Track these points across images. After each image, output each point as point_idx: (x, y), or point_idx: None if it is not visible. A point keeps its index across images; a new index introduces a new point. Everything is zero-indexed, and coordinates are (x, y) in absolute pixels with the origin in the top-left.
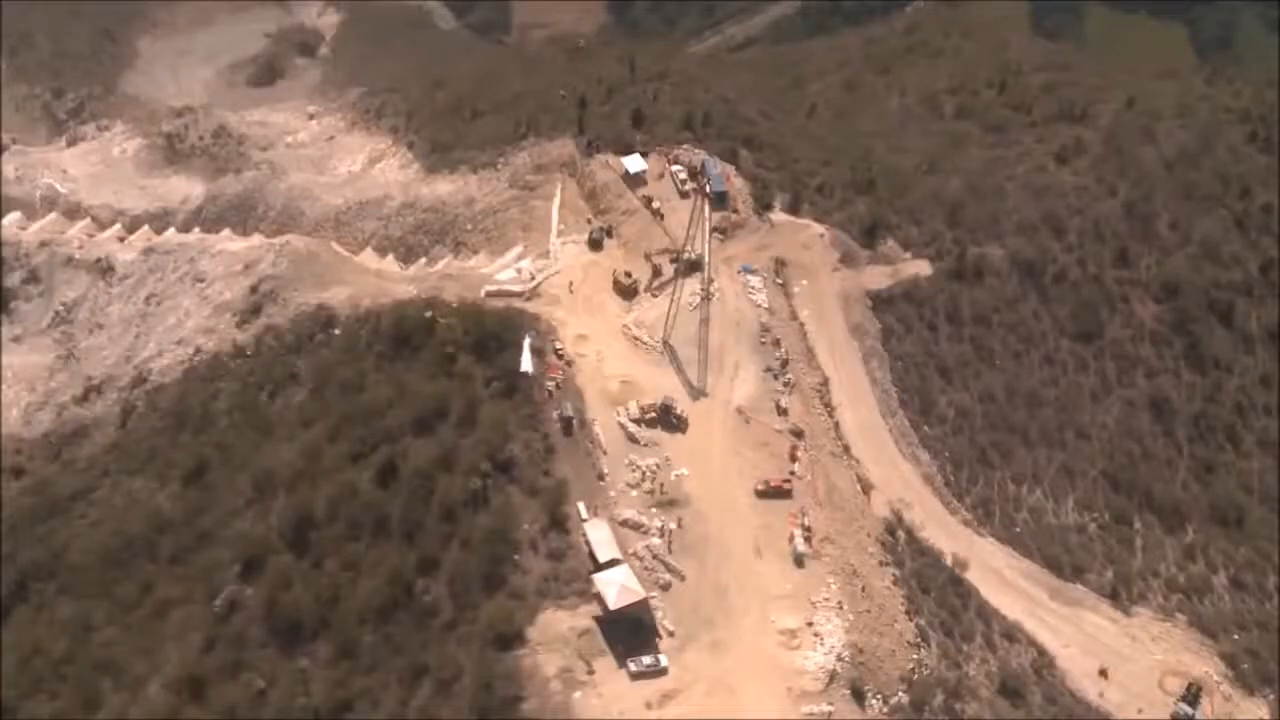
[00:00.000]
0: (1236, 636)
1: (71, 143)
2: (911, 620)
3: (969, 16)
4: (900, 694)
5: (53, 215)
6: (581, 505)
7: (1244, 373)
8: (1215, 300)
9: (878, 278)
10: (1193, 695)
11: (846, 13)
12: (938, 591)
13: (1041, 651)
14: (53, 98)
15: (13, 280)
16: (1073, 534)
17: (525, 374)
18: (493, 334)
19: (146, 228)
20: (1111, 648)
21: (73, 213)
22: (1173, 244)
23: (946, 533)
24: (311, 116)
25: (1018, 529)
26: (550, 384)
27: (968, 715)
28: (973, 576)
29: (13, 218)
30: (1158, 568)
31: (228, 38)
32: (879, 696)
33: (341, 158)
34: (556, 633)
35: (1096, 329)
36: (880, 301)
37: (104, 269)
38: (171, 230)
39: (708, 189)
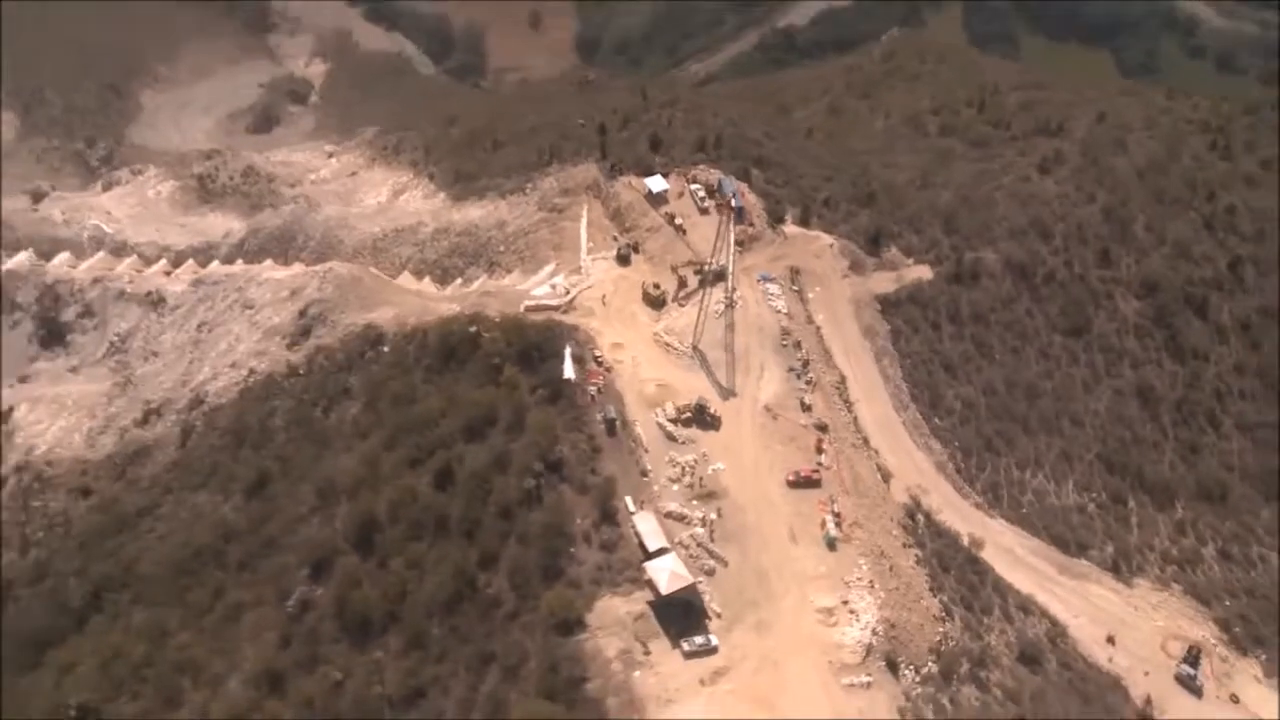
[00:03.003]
0: (1228, 603)
1: (107, 188)
2: (935, 596)
3: (942, 42)
4: (930, 664)
5: (101, 254)
6: (629, 499)
7: (1219, 361)
8: (1190, 295)
9: (884, 283)
10: (1193, 657)
11: (801, 49)
12: (957, 570)
13: (1054, 622)
14: (85, 146)
15: (68, 315)
16: (1074, 513)
17: (568, 381)
18: (535, 345)
19: (191, 261)
20: (1116, 616)
21: (119, 251)
22: (1149, 244)
23: (961, 516)
24: (331, 155)
25: (1024, 510)
26: (592, 389)
27: (992, 681)
28: (988, 555)
29: (63, 257)
30: (1152, 542)
31: (224, 89)
32: (911, 667)
33: (366, 191)
34: (614, 617)
35: (1085, 324)
36: (888, 304)
37: (155, 301)
38: (216, 263)
39: (734, 203)
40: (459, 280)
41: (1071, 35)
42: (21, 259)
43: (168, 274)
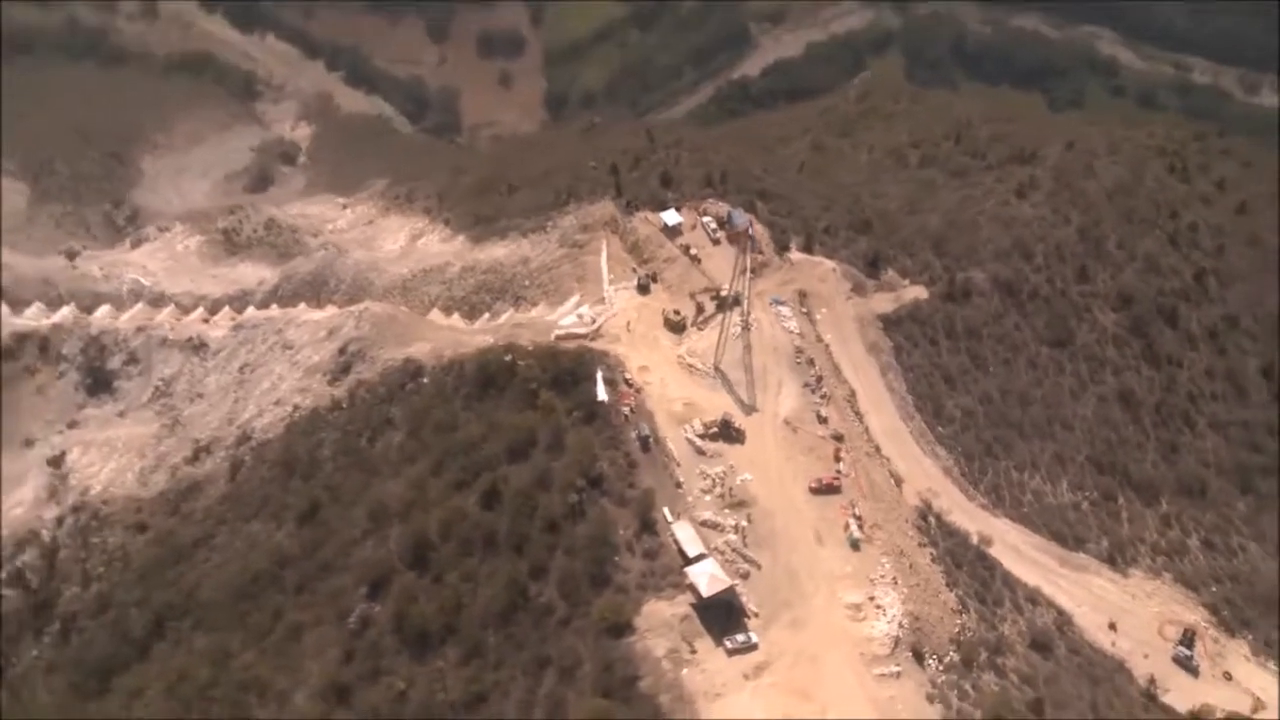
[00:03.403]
0: (1214, 589)
1: (136, 245)
2: (951, 591)
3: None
4: (952, 653)
5: (140, 305)
6: (666, 510)
7: (1191, 366)
8: (1161, 306)
9: (884, 303)
10: (1188, 639)
11: (755, 98)
12: (968, 566)
13: (1060, 611)
14: (112, 207)
15: (114, 363)
16: (1070, 511)
17: (601, 402)
18: (568, 370)
19: (227, 308)
20: (1116, 605)
21: (157, 301)
22: (1121, 260)
23: (968, 516)
24: (345, 206)
25: (1025, 509)
26: (624, 409)
27: (1009, 668)
28: (995, 552)
29: (104, 310)
30: (1142, 535)
31: (218, 153)
32: (935, 657)
33: (385, 238)
34: (660, 620)
35: (1068, 336)
36: (889, 323)
37: (196, 346)
38: (251, 308)
39: (750, 232)
40: (487, 315)
41: (1005, 79)
42: (65, 313)
43: (206, 321)
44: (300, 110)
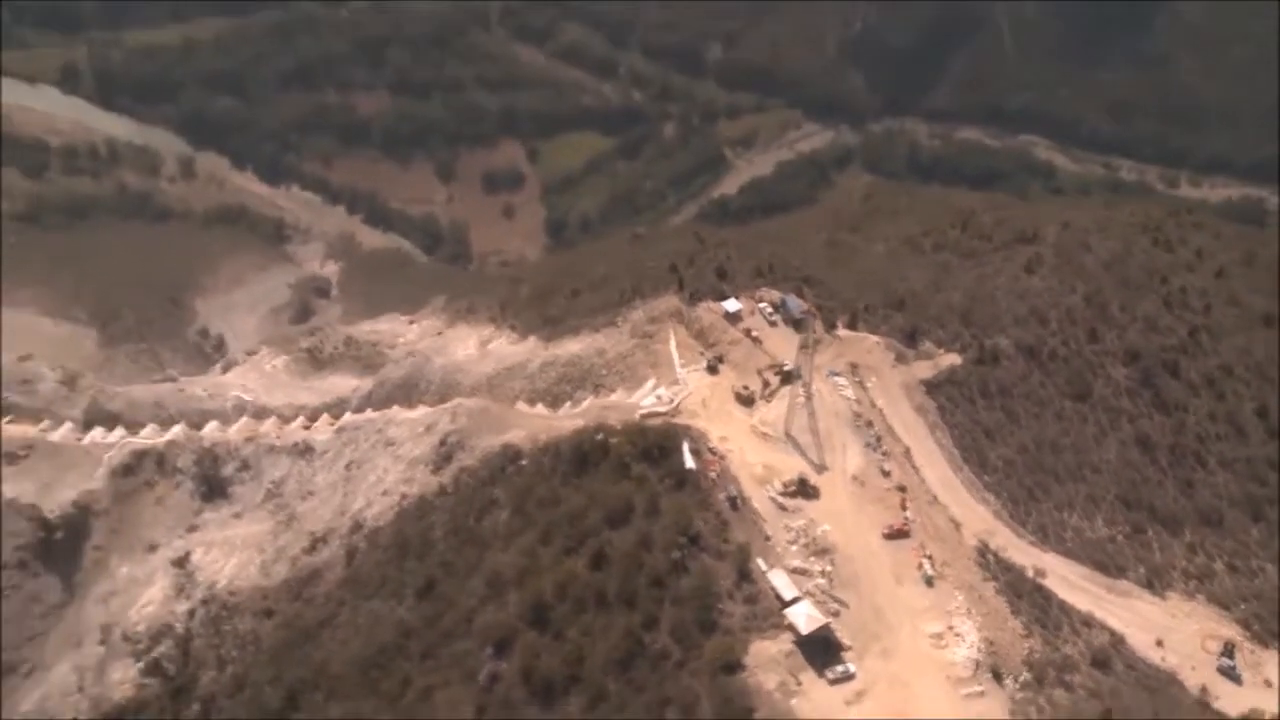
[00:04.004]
0: (1243, 606)
1: (226, 369)
2: (1016, 618)
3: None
4: (1025, 673)
5: (244, 419)
6: (760, 560)
7: (1196, 411)
8: (1164, 360)
9: (924, 369)
10: (1229, 651)
11: (734, 214)
12: (1028, 595)
13: (1112, 632)
14: (200, 337)
15: (227, 471)
16: (1108, 543)
17: (690, 470)
18: (656, 444)
19: (326, 415)
20: (1160, 624)
21: (260, 414)
22: (1125, 322)
23: (1021, 552)
24: (411, 322)
25: (1069, 544)
26: (711, 475)
27: (1076, 684)
28: (1049, 582)
29: (212, 425)
30: (1173, 562)
31: (260, 291)
32: (1011, 677)
33: (456, 346)
34: (767, 657)
35: (1087, 390)
36: (931, 386)
37: (302, 450)
38: (349, 413)
39: (813, 314)
40: (568, 403)
41: (957, 184)
42: (177, 430)
43: (307, 428)
44: (327, 250)
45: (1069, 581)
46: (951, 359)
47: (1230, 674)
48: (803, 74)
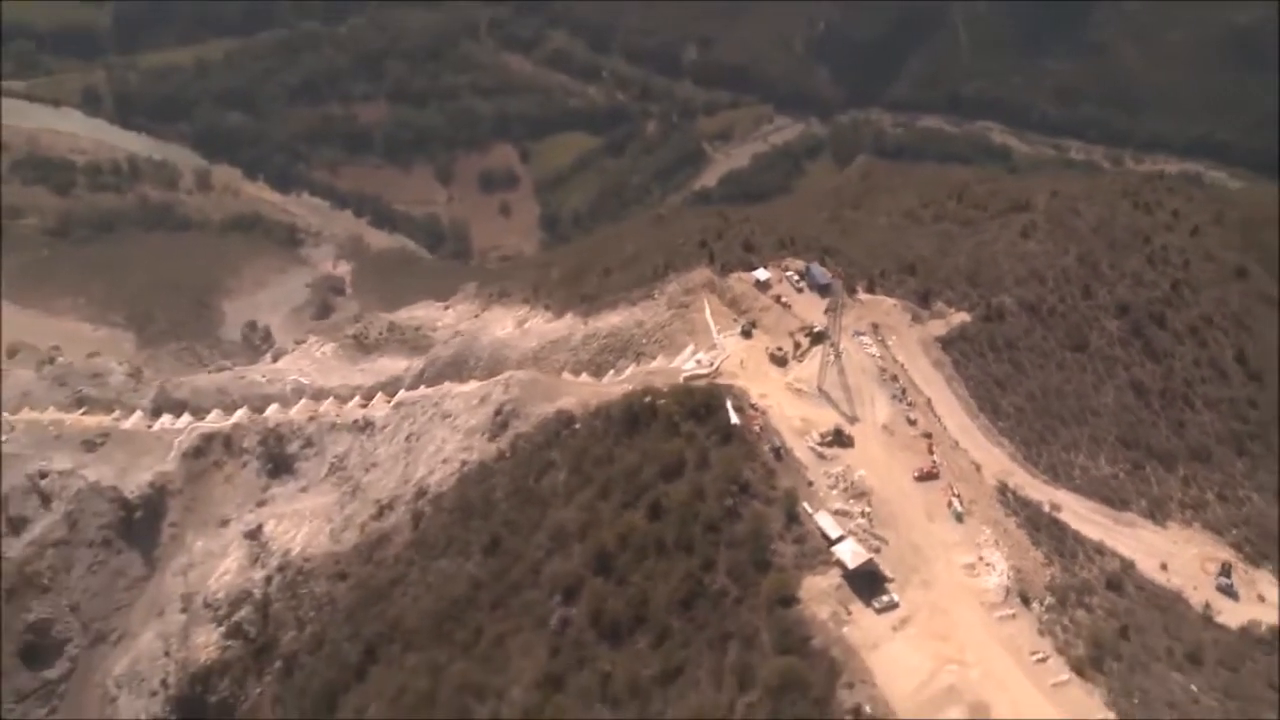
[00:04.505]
0: (1234, 532)
1: (276, 358)
2: (1037, 548)
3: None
4: (1049, 597)
5: (304, 400)
6: (805, 504)
7: (1182, 357)
8: (1151, 312)
9: (938, 328)
10: (1226, 571)
11: (715, 204)
12: (1045, 528)
13: (1122, 559)
14: (249, 330)
15: (292, 449)
16: (1111, 480)
17: (734, 425)
18: (701, 403)
19: (380, 394)
20: (1163, 550)
21: (318, 396)
22: (1114, 279)
23: (1036, 490)
24: (446, 307)
25: (1077, 481)
26: (754, 429)
27: (1094, 605)
28: (1064, 516)
29: (274, 408)
30: (1170, 494)
31: (281, 292)
32: (1037, 600)
33: (494, 326)
34: (818, 591)
35: (1084, 342)
36: (945, 343)
37: (362, 426)
38: (402, 391)
39: (838, 281)
40: (611, 372)
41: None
42: (240, 414)
43: (364, 406)
44: (337, 251)
45: (1080, 515)
46: (961, 317)
47: (1228, 592)
48: (773, 71)
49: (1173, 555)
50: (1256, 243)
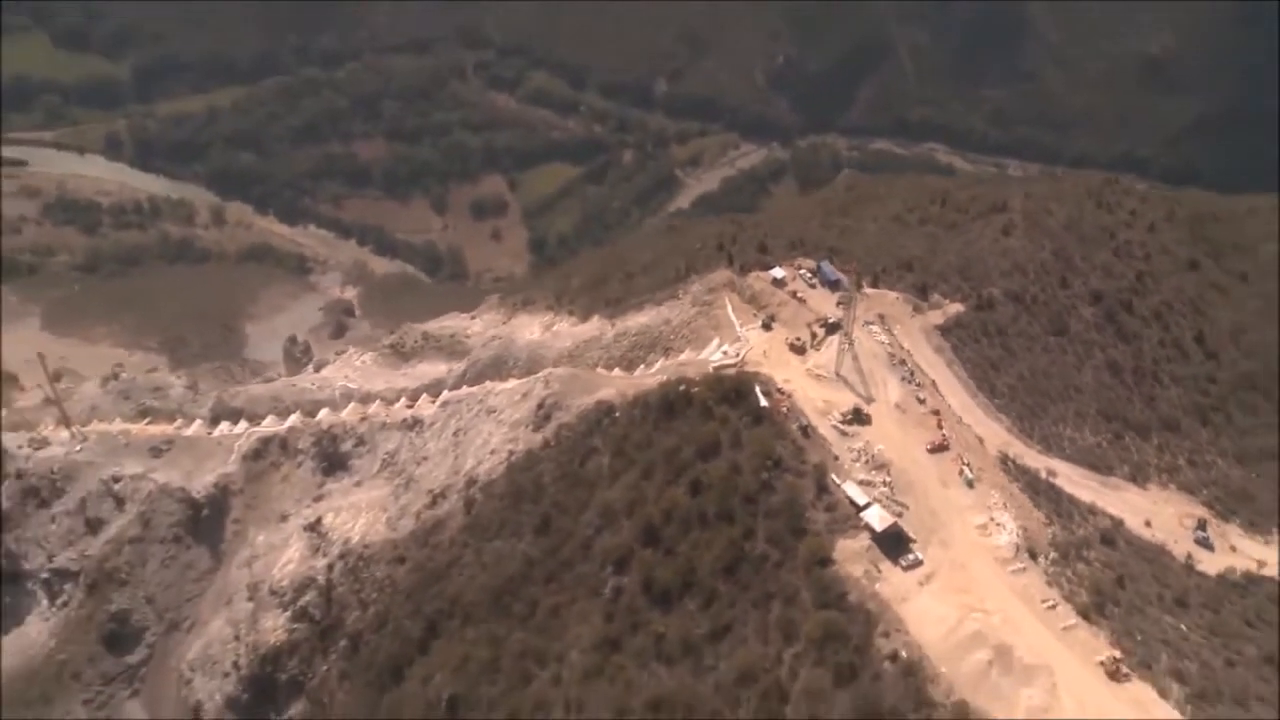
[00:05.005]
0: (1205, 491)
1: (319, 368)
2: (1038, 510)
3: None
4: (1052, 552)
5: (352, 404)
6: (833, 476)
7: (1149, 339)
8: (1121, 300)
9: (936, 317)
10: (1202, 525)
11: None
12: (1044, 492)
13: (1112, 518)
14: (290, 344)
15: (345, 447)
16: (1096, 449)
17: (764, 408)
18: (732, 389)
19: (425, 395)
20: (1145, 509)
21: (365, 399)
22: (1087, 270)
23: (1033, 459)
24: (472, 317)
25: (1067, 450)
26: (782, 410)
27: (1092, 558)
28: (1059, 481)
29: (325, 412)
30: (1148, 460)
31: (297, 315)
32: (1042, 555)
33: (522, 331)
34: (851, 552)
35: (1064, 327)
36: (943, 330)
37: (411, 424)
38: (446, 391)
39: (846, 278)
40: (643, 366)
41: None
42: (294, 418)
43: (410, 406)
44: (344, 277)
45: (1072, 480)
46: (956, 307)
47: (1205, 544)
48: (737, 102)
49: (1154, 514)
50: (1202, 237)
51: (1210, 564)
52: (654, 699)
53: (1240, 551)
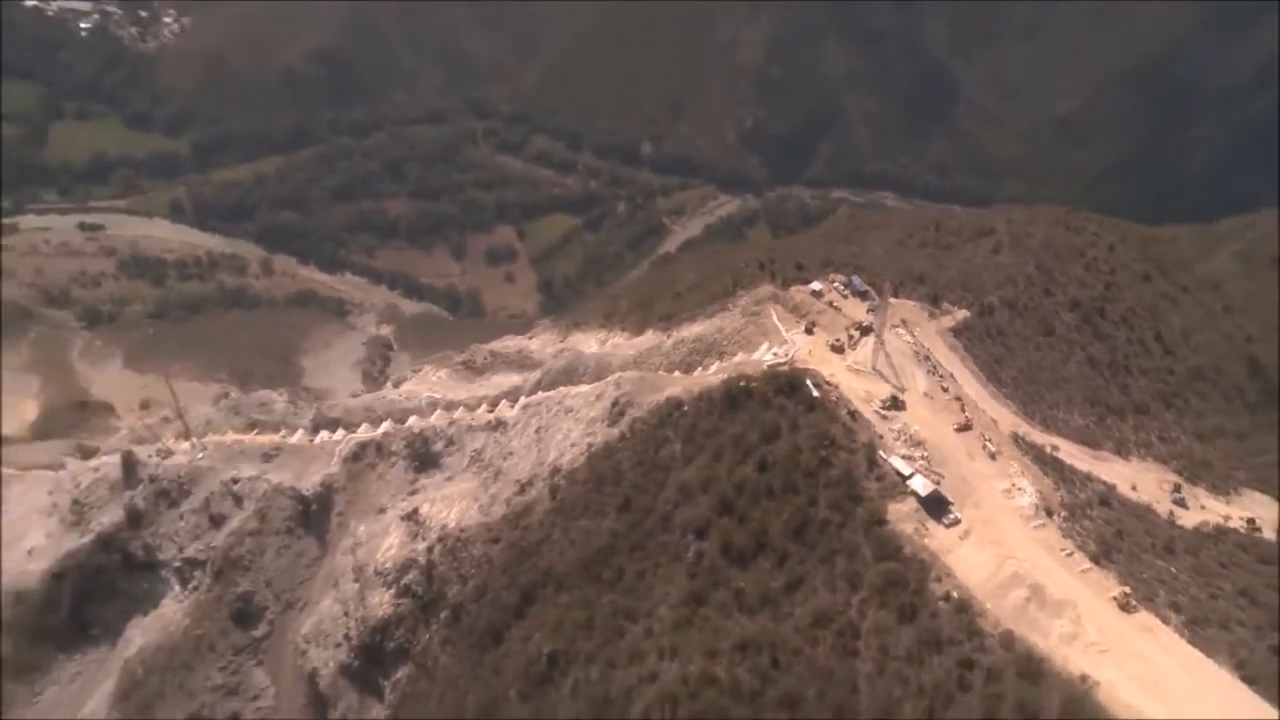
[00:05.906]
0: (1174, 462)
1: (397, 384)
2: (1048, 477)
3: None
4: (1063, 512)
5: (438, 411)
6: (881, 452)
7: (1119, 338)
8: (1095, 306)
9: (949, 322)
10: (1178, 489)
11: None
12: (1050, 464)
13: (1105, 483)
14: (369, 363)
15: (436, 448)
16: (1085, 429)
17: (815, 398)
18: (786, 383)
19: (504, 401)
20: (1131, 476)
21: (450, 407)
22: (1065, 282)
23: (1038, 437)
24: (529, 338)
25: (1063, 430)
26: (831, 399)
27: (1094, 516)
28: (1060, 455)
29: (413, 419)
30: (1128, 438)
31: (343, 350)
32: (1056, 514)
33: (582, 346)
34: (901, 513)
35: (1051, 329)
36: (955, 332)
37: (495, 425)
38: (523, 396)
39: (873, 290)
40: (700, 368)
41: None
42: (386, 425)
43: (491, 411)
44: (378, 317)
45: (1070, 454)
46: (964, 313)
47: (1181, 504)
48: (713, 159)
49: (1138, 480)
50: (1149, 256)
51: (1187, 519)
52: (741, 641)
53: (1208, 509)
